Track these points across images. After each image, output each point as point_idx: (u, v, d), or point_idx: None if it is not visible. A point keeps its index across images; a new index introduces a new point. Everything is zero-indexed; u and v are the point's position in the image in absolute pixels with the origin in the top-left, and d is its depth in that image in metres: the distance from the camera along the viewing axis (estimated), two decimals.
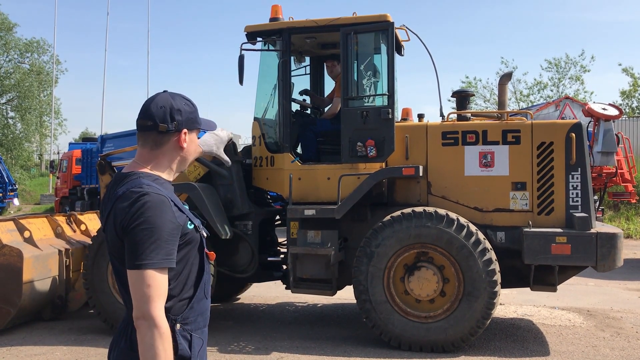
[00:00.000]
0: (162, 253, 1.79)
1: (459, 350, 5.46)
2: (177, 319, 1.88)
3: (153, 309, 1.75)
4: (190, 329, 1.92)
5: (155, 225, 1.79)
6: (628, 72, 30.16)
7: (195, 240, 1.94)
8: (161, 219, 1.80)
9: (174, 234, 1.83)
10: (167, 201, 1.85)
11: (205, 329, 2.03)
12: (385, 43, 6.18)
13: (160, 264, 1.78)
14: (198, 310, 1.96)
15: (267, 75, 6.76)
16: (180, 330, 1.88)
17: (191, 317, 1.93)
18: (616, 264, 5.42)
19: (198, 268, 1.97)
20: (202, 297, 1.98)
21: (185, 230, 1.89)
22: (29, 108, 35.35)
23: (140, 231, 1.78)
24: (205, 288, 2.00)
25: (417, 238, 5.53)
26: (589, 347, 5.66)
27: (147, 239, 1.78)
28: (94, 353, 5.57)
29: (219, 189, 6.37)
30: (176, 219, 1.85)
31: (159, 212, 1.80)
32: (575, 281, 9.01)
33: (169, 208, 1.84)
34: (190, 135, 2.01)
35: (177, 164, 2.03)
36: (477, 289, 5.36)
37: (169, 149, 1.97)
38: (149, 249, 1.77)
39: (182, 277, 1.91)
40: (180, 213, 1.89)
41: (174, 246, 1.83)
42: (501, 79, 6.60)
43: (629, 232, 15.93)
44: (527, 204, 5.79)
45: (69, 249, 6.88)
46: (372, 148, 6.02)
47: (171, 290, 1.86)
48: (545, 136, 5.77)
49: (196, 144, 2.05)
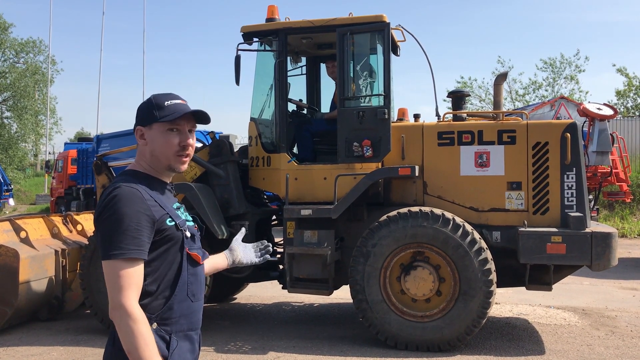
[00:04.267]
0: (132, 243, 1.78)
1: (455, 350, 5.48)
2: (153, 317, 1.85)
3: (124, 298, 1.74)
4: (170, 330, 1.88)
5: (124, 215, 1.79)
6: (622, 72, 30.27)
7: (175, 238, 1.91)
8: (130, 210, 1.80)
9: (144, 225, 1.81)
10: (139, 193, 1.84)
11: (193, 333, 1.97)
12: (381, 43, 6.20)
13: (130, 253, 1.77)
14: (180, 312, 1.91)
15: (264, 75, 6.77)
16: (157, 329, 1.85)
17: (172, 317, 1.89)
18: (611, 263, 5.45)
19: (177, 267, 1.92)
20: (185, 299, 1.93)
21: (163, 225, 1.87)
22: (24, 108, 35.21)
23: (109, 222, 1.80)
24: (189, 289, 1.94)
25: (413, 238, 5.56)
26: (584, 345, 5.70)
27: (116, 229, 1.78)
28: (90, 353, 5.57)
29: (216, 189, 6.38)
30: (150, 211, 1.84)
31: (128, 202, 1.81)
32: (571, 280, 9.05)
33: (141, 200, 1.83)
34: (150, 131, 1.96)
35: (150, 160, 1.98)
36: (473, 289, 5.39)
37: (140, 146, 2.01)
38: (117, 240, 1.77)
39: (158, 275, 1.88)
40: (159, 208, 1.88)
41: (145, 238, 1.81)
42: (497, 79, 6.63)
43: (624, 232, 16.02)
44: (522, 203, 5.81)
45: (65, 249, 6.88)
46: (368, 148, 6.03)
47: (147, 286, 1.85)
48: (540, 136, 5.80)
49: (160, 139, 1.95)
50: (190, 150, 2.00)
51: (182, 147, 1.96)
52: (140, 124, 1.99)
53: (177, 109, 1.94)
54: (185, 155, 1.98)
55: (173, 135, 1.94)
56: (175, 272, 1.91)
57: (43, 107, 36.26)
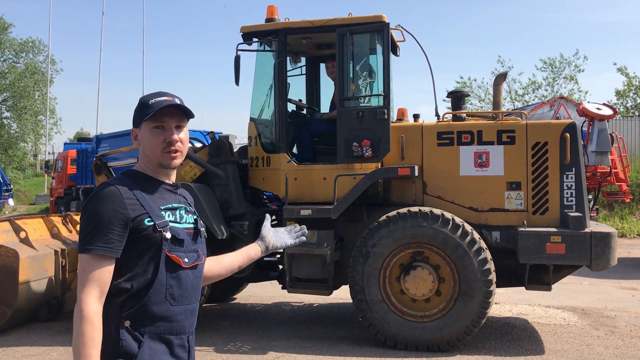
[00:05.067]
0: (100, 240, 1.81)
1: (454, 350, 5.49)
2: (126, 314, 1.84)
3: (82, 294, 1.78)
4: (144, 330, 1.85)
5: (97, 213, 1.83)
6: (623, 71, 30.28)
7: (152, 239, 1.88)
8: (104, 208, 1.83)
9: (116, 224, 1.83)
10: (118, 192, 1.87)
11: (173, 337, 1.92)
12: (381, 43, 6.21)
13: (96, 250, 1.80)
14: (157, 314, 1.87)
15: (263, 75, 6.77)
16: (128, 328, 1.84)
17: (146, 318, 1.86)
18: (610, 263, 5.45)
19: (154, 269, 1.88)
20: (162, 301, 1.88)
21: (140, 225, 1.86)
22: (24, 108, 35.21)
23: (84, 218, 1.87)
24: (167, 292, 1.89)
25: (413, 238, 5.56)
26: (583, 345, 5.70)
27: (88, 226, 1.84)
28: None
29: (215, 189, 6.38)
30: (125, 210, 1.85)
31: (104, 201, 1.85)
32: (570, 280, 9.06)
33: (118, 198, 1.86)
34: (140, 131, 1.99)
35: (145, 160, 2.01)
36: (473, 289, 5.39)
37: (137, 147, 2.05)
38: (88, 235, 1.82)
39: (134, 274, 1.87)
40: (139, 207, 1.88)
41: (114, 236, 1.83)
42: (496, 79, 6.63)
43: (624, 231, 16.02)
44: (521, 203, 5.82)
45: (65, 250, 6.88)
46: (367, 148, 6.04)
47: (122, 283, 1.86)
48: (539, 136, 5.80)
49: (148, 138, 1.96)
50: (177, 146, 1.96)
51: (168, 143, 1.94)
52: (133, 125, 2.02)
53: (159, 105, 1.93)
54: (173, 151, 1.96)
55: (158, 132, 1.95)
56: (151, 273, 1.88)
57: (43, 107, 36.26)
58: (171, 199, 2.01)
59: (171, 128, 1.96)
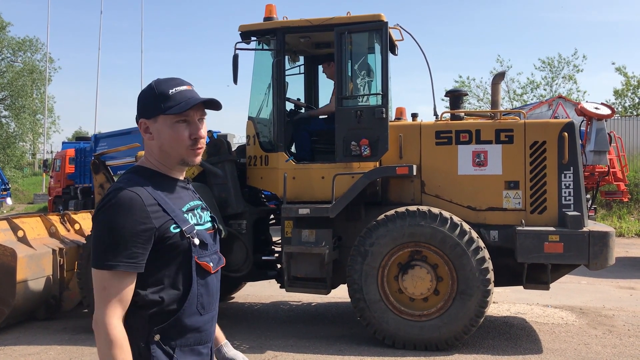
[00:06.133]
0: (123, 255, 1.62)
1: (452, 349, 5.49)
2: (157, 329, 1.70)
3: (107, 316, 1.61)
4: (175, 344, 1.73)
5: (118, 224, 1.63)
6: (621, 71, 30.32)
7: (180, 247, 1.72)
8: (126, 219, 1.63)
9: (140, 236, 1.64)
10: (139, 199, 1.67)
11: (201, 347, 1.81)
12: (379, 43, 6.21)
13: (119, 267, 1.62)
14: (188, 326, 1.75)
15: (262, 74, 6.76)
16: (158, 342, 1.70)
17: (177, 331, 1.73)
18: (608, 262, 5.46)
19: (185, 279, 1.75)
20: (194, 313, 1.76)
21: (166, 233, 1.69)
22: (22, 107, 35.16)
23: (102, 228, 1.66)
24: (198, 302, 1.77)
25: (411, 237, 5.56)
26: (581, 344, 5.71)
27: (108, 238, 1.64)
28: (88, 352, 5.56)
29: (213, 188, 6.37)
30: (149, 219, 1.66)
31: (125, 210, 1.64)
32: (568, 279, 9.06)
33: (140, 207, 1.66)
34: (155, 124, 1.75)
35: (159, 156, 1.79)
36: (471, 288, 5.39)
37: (146, 141, 1.81)
38: (108, 249, 1.63)
39: (163, 286, 1.72)
40: (162, 213, 1.70)
41: (139, 249, 1.64)
42: (494, 79, 6.64)
43: (622, 231, 16.04)
44: (520, 202, 5.82)
45: (63, 249, 6.87)
46: (366, 147, 6.03)
47: (151, 295, 1.70)
48: (538, 135, 5.81)
49: (169, 133, 1.74)
50: (202, 142, 1.79)
51: (194, 139, 1.76)
52: (143, 116, 1.77)
53: (184, 98, 1.73)
54: (199, 148, 1.78)
55: (182, 127, 1.74)
56: (182, 283, 1.74)
57: (41, 106, 36.22)
58: (187, 197, 1.85)
59: (196, 122, 1.76)
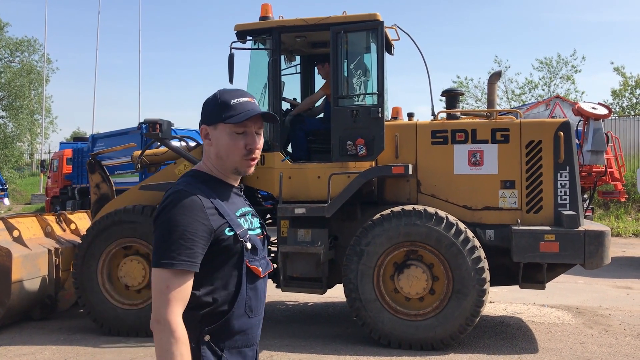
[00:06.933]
0: (183, 254, 1.69)
1: (448, 348, 5.48)
2: (206, 330, 1.77)
3: (168, 314, 1.66)
4: (223, 345, 1.79)
5: (179, 224, 1.70)
6: (619, 71, 30.36)
7: (233, 250, 1.80)
8: (186, 218, 1.71)
9: (200, 236, 1.72)
10: (199, 201, 1.75)
11: (248, 349, 1.87)
12: (375, 42, 6.20)
13: (180, 265, 1.68)
14: (236, 328, 1.81)
15: (257, 74, 6.76)
16: (208, 343, 1.77)
17: (226, 333, 1.80)
18: (604, 262, 5.46)
19: (236, 282, 1.81)
20: (242, 315, 1.82)
21: (221, 235, 1.77)
22: (20, 107, 35.13)
23: (163, 228, 1.72)
24: (247, 305, 1.83)
25: (407, 236, 5.55)
26: (577, 344, 5.71)
27: (169, 238, 1.70)
28: (83, 352, 5.55)
29: None
30: (207, 221, 1.74)
31: (186, 210, 1.72)
32: (565, 279, 9.07)
33: (200, 208, 1.74)
34: (215, 131, 1.84)
35: (215, 162, 1.88)
36: (466, 287, 5.39)
37: (205, 146, 1.91)
38: (170, 249, 1.69)
39: (215, 287, 1.79)
40: (218, 217, 1.77)
41: (198, 249, 1.72)
42: (490, 78, 6.63)
43: (619, 231, 16.05)
44: (515, 202, 5.82)
45: (59, 249, 6.85)
46: (362, 147, 6.03)
47: (203, 297, 1.77)
48: (533, 135, 5.80)
49: (226, 141, 1.83)
50: (257, 153, 1.87)
51: (249, 150, 1.84)
52: (204, 122, 1.87)
53: (244, 109, 1.81)
54: (253, 159, 1.86)
55: (239, 137, 1.83)
56: (233, 286, 1.81)
57: (38, 107, 36.18)
58: (240, 203, 1.93)
59: (253, 134, 1.85)
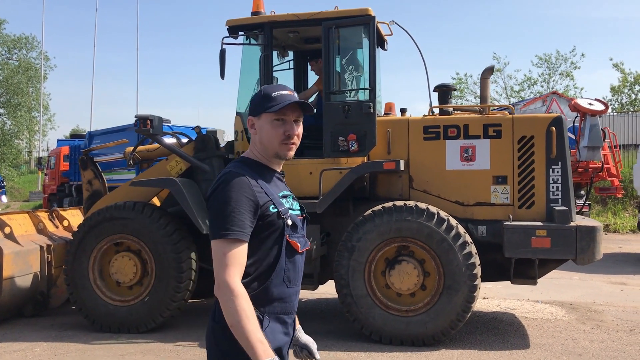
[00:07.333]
0: (236, 225, 1.90)
1: (439, 344, 5.47)
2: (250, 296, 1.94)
3: (227, 276, 1.86)
4: (264, 310, 1.99)
5: (231, 199, 1.92)
6: (618, 67, 30.27)
7: (276, 225, 2.01)
8: (236, 194, 1.93)
9: (248, 210, 1.93)
10: (246, 179, 1.97)
11: (286, 317, 2.08)
12: (367, 37, 6.17)
13: (234, 234, 1.89)
14: (275, 295, 2.02)
15: (250, 69, 6.72)
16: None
17: (266, 299, 2.00)
18: (595, 257, 5.44)
19: (276, 253, 2.02)
20: (281, 284, 2.04)
21: (266, 212, 1.98)
22: (18, 105, 35.07)
23: (217, 205, 1.94)
24: (285, 275, 2.05)
25: (398, 232, 5.53)
26: (568, 339, 5.69)
27: (223, 212, 1.92)
28: (74, 349, 5.53)
29: (201, 184, 6.34)
30: (255, 197, 1.96)
31: (235, 187, 1.94)
32: (560, 275, 9.06)
33: (247, 185, 1.96)
34: (259, 121, 2.07)
35: (260, 148, 2.10)
36: (457, 283, 5.37)
37: (252, 136, 2.14)
38: (224, 221, 1.90)
39: (257, 258, 1.99)
40: (264, 194, 1.99)
41: (247, 221, 1.93)
42: (483, 73, 6.61)
43: (616, 227, 16.05)
44: (508, 197, 5.80)
45: (51, 245, 6.83)
46: (353, 142, 6.00)
47: (247, 267, 1.95)
48: (526, 130, 5.78)
49: (267, 129, 2.05)
50: (295, 139, 2.09)
51: (287, 136, 2.05)
52: (251, 114, 2.11)
53: (283, 99, 2.03)
54: (291, 144, 2.08)
55: (279, 124, 2.05)
56: (274, 257, 2.02)
57: (36, 104, 36.12)
58: (282, 186, 2.15)
59: (291, 122, 2.07)
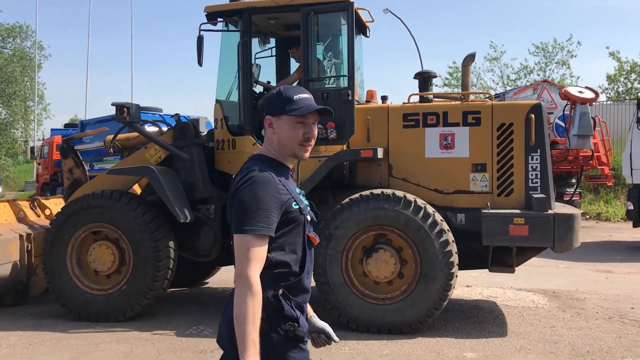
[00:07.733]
0: (262, 221, 1.99)
1: (416, 332, 5.46)
2: (282, 285, 2.10)
3: (248, 270, 1.95)
4: (291, 298, 2.13)
5: (258, 196, 2.01)
6: (615, 55, 30.10)
7: (298, 220, 2.12)
8: (264, 192, 2.02)
9: (275, 207, 2.03)
10: (272, 178, 2.07)
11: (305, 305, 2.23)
12: (347, 24, 6.10)
13: (260, 230, 1.98)
14: (302, 286, 2.16)
15: (229, 57, 6.65)
16: (284, 293, 2.10)
17: (294, 290, 2.14)
18: (573, 245, 5.43)
19: (301, 247, 2.15)
20: (305, 275, 2.18)
21: (289, 208, 2.08)
22: (13, 94, 34.93)
23: (244, 201, 2.02)
24: (307, 267, 2.18)
25: (375, 220, 5.50)
26: (547, 327, 5.68)
27: (250, 208, 2.00)
28: (49, 337, 5.52)
29: (180, 172, 6.30)
30: (279, 194, 2.05)
31: (263, 185, 2.03)
32: (546, 263, 9.07)
33: (273, 184, 2.05)
34: (279, 121, 2.14)
35: (277, 147, 2.18)
36: (434, 271, 5.35)
37: (268, 134, 2.21)
38: (251, 217, 1.99)
39: (286, 251, 2.11)
40: (286, 192, 2.09)
41: (274, 217, 2.02)
42: (464, 60, 6.55)
43: (608, 215, 16.05)
44: (486, 185, 5.77)
45: (31, 234, 6.80)
46: (332, 130, 5.96)
47: (280, 256, 2.09)
48: (505, 117, 5.74)
49: (288, 130, 2.13)
50: (312, 141, 2.19)
51: (307, 138, 2.16)
52: (269, 113, 2.18)
53: (305, 104, 2.14)
54: (308, 145, 2.18)
55: (299, 127, 2.14)
56: (299, 251, 2.15)
57: (31, 93, 35.96)
58: (294, 184, 2.26)
59: (310, 124, 2.17)
